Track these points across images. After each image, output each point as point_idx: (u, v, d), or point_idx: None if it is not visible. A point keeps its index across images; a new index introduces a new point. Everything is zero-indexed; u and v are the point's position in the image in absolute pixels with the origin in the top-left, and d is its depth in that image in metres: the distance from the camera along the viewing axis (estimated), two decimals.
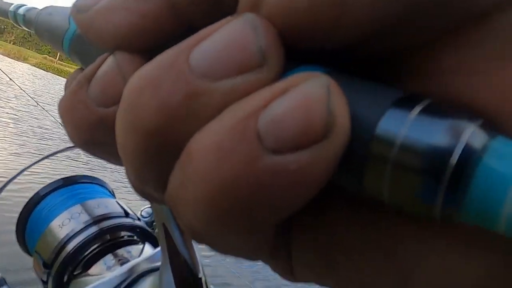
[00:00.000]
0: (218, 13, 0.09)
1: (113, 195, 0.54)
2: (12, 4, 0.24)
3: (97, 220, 0.44)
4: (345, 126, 0.07)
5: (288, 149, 0.07)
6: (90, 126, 0.10)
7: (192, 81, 0.08)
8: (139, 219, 0.48)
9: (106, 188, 0.54)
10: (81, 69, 0.13)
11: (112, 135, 0.09)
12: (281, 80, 0.08)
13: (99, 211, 0.45)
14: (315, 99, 0.07)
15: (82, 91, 0.11)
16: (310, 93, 0.07)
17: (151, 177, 0.09)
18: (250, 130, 0.07)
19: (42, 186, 0.51)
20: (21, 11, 0.22)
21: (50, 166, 4.18)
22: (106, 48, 0.11)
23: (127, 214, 0.46)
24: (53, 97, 14.63)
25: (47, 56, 75.05)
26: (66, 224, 0.44)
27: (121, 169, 0.11)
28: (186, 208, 0.08)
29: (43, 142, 6.34)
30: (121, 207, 0.48)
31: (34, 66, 39.24)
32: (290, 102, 0.07)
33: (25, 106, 8.40)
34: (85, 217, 0.44)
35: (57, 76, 35.02)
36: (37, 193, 0.49)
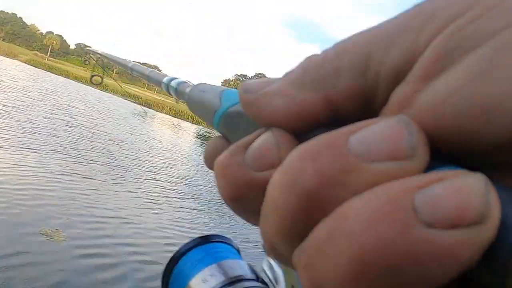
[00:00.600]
0: (365, 110, 0.11)
1: (239, 254, 0.54)
2: (166, 76, 0.29)
3: (232, 281, 0.43)
4: (497, 218, 0.08)
5: (443, 225, 0.07)
6: (240, 184, 0.12)
7: (349, 158, 0.09)
8: (265, 283, 0.47)
9: (234, 247, 0.54)
10: (221, 137, 0.16)
11: (258, 193, 0.11)
12: (433, 171, 0.09)
13: (233, 272, 0.45)
14: (474, 189, 0.08)
15: (239, 155, 0.12)
16: (468, 184, 0.08)
17: (292, 230, 0.10)
18: (406, 201, 0.08)
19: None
20: (173, 84, 0.26)
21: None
22: (262, 125, 0.13)
23: (257, 278, 0.46)
24: (42, 93, 14.46)
25: (38, 53, 73.66)
26: (208, 280, 0.44)
27: None
28: (325, 261, 0.08)
29: (30, 136, 6.37)
30: (252, 269, 0.47)
31: (24, 62, 38.60)
32: (448, 186, 0.08)
33: (13, 102, 8.37)
34: (220, 278, 0.44)
35: (48, 73, 34.50)
36: (178, 250, 0.50)
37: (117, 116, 17.16)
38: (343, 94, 0.11)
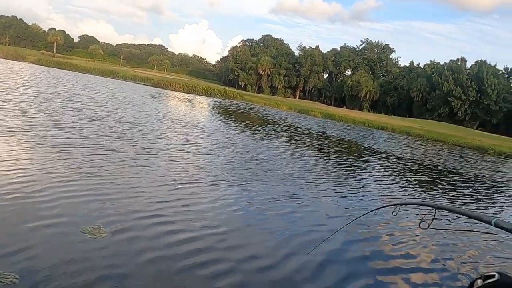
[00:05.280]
0: None
1: None
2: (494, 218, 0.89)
3: None
4: None
5: None
6: None
7: None
8: None
9: None
10: None
11: None
12: None
13: None
14: None
15: None
16: None
17: None
18: None
19: None
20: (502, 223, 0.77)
21: None
22: None
23: None
24: (58, 91, 14.63)
25: (44, 51, 74.16)
26: None
27: None
28: None
29: (50, 132, 6.49)
30: None
31: (33, 63, 39.07)
32: None
33: (39, 108, 8.51)
34: None
35: (59, 69, 34.89)
36: None
37: (142, 100, 17.26)
38: None
